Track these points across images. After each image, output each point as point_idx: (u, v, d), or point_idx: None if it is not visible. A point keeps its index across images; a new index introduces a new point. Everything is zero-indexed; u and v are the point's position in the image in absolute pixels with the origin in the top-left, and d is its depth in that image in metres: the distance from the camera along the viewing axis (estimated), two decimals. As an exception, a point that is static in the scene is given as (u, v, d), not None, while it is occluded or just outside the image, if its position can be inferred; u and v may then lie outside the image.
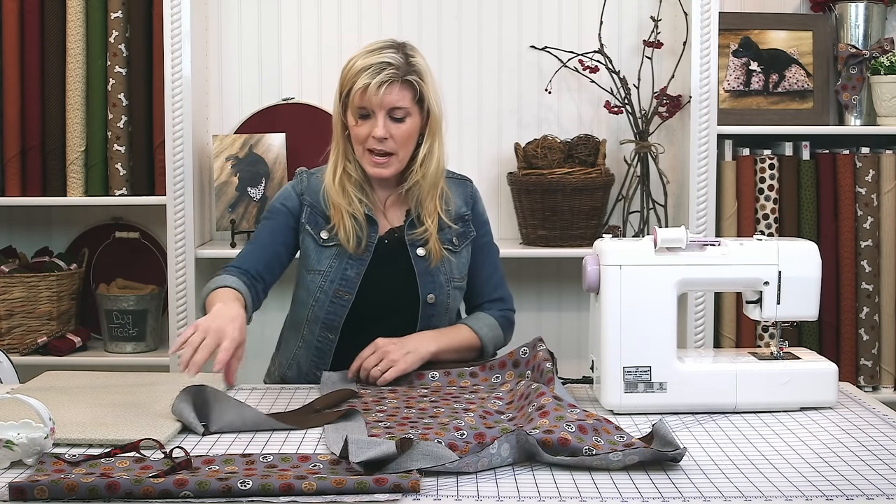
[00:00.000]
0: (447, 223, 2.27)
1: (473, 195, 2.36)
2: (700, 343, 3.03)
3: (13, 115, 3.07)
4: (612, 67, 3.12)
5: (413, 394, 2.05)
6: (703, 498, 1.48)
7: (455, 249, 2.29)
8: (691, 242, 1.98)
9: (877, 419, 1.90)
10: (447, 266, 2.27)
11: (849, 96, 3.16)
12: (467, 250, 2.31)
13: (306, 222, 2.28)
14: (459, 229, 2.30)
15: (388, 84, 2.15)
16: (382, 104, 2.16)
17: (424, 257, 2.25)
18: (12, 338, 3.10)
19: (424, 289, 2.25)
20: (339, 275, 2.24)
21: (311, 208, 2.28)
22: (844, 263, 3.10)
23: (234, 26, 3.25)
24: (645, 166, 3.12)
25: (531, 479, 1.56)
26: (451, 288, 2.28)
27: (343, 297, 2.24)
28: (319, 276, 2.25)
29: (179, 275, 3.03)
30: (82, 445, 1.71)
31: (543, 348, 2.09)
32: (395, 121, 2.19)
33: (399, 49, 2.20)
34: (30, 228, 3.32)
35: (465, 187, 2.35)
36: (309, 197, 2.29)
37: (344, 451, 1.57)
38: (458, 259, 2.29)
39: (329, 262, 2.24)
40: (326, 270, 2.25)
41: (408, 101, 2.18)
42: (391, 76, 2.15)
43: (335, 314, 2.25)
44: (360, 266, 2.24)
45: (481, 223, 2.36)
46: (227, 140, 3.14)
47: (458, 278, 2.30)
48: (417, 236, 2.25)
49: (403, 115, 2.19)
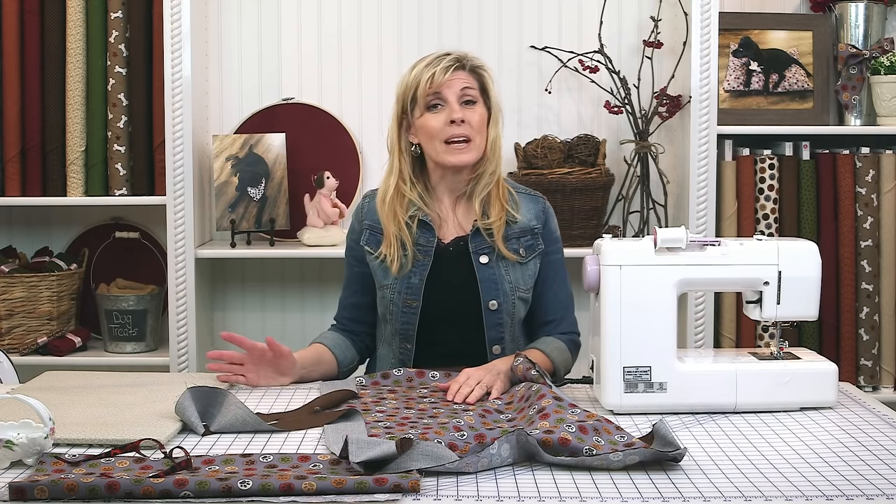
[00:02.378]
0: (514, 232, 2.27)
1: (546, 211, 2.34)
2: (700, 343, 3.03)
3: (13, 115, 3.07)
4: (612, 67, 3.12)
5: (413, 394, 2.05)
6: (703, 498, 1.48)
7: (522, 260, 2.27)
8: (691, 242, 1.98)
9: (877, 419, 1.90)
10: (512, 274, 2.26)
11: (849, 96, 3.16)
12: (535, 263, 2.29)
13: (365, 244, 2.31)
14: (528, 241, 2.29)
15: (453, 69, 2.22)
16: (453, 87, 2.22)
17: (488, 265, 2.25)
18: (12, 338, 3.10)
19: (487, 295, 2.24)
20: (405, 284, 2.25)
21: (370, 230, 2.32)
22: (844, 263, 3.10)
23: (234, 26, 3.25)
24: (645, 166, 3.12)
25: (531, 479, 1.56)
26: (515, 297, 2.26)
27: (411, 305, 2.25)
28: (389, 290, 2.27)
29: (179, 275, 3.03)
30: (82, 445, 1.71)
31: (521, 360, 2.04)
32: (467, 104, 2.23)
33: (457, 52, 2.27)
34: (30, 228, 3.32)
35: (538, 203, 2.35)
36: (368, 220, 2.33)
37: (344, 451, 1.57)
38: (525, 270, 2.28)
39: (394, 275, 2.26)
40: (393, 283, 2.27)
41: (475, 87, 2.25)
42: (455, 62, 2.23)
43: (408, 323, 2.26)
44: (422, 273, 2.25)
45: (553, 240, 2.34)
46: (227, 140, 3.14)
47: (524, 289, 2.28)
48: (482, 244, 2.26)
49: (474, 99, 2.24)
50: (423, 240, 2.27)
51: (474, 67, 2.27)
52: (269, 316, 3.32)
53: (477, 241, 2.27)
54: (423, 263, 2.26)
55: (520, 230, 2.29)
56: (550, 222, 2.35)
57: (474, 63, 2.27)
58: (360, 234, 2.34)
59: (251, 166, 3.14)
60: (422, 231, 2.27)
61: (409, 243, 2.25)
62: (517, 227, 2.29)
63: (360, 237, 2.33)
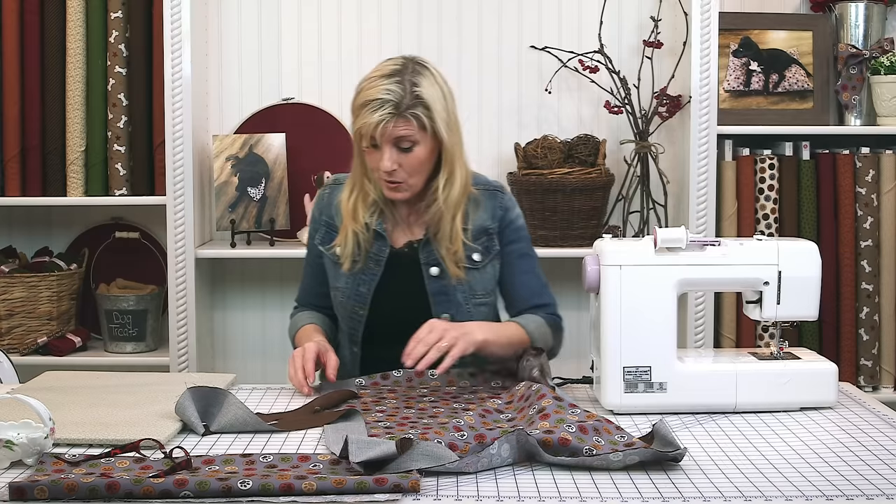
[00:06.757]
0: (467, 241, 2.20)
1: (504, 205, 2.26)
2: (700, 343, 3.03)
3: (13, 115, 3.07)
4: (612, 67, 3.12)
5: (413, 394, 2.05)
6: (703, 498, 1.48)
7: (476, 266, 2.22)
8: (691, 242, 1.97)
9: (877, 419, 1.90)
10: (467, 284, 2.21)
11: (849, 96, 3.16)
12: (493, 265, 2.25)
13: (319, 243, 2.28)
14: (484, 243, 2.23)
15: (384, 122, 2.08)
16: (385, 138, 2.10)
17: (439, 276, 2.21)
18: (12, 338, 3.10)
19: (438, 308, 2.21)
20: (354, 291, 2.23)
21: (327, 227, 2.28)
22: (844, 263, 3.10)
23: (234, 26, 3.25)
24: (645, 166, 3.12)
25: (531, 479, 1.56)
26: (471, 306, 2.22)
27: (358, 312, 2.23)
28: (339, 293, 2.25)
29: (179, 275, 3.03)
30: (82, 445, 1.71)
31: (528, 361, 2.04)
32: (403, 150, 2.12)
33: (406, 74, 2.11)
34: (30, 228, 3.32)
35: (495, 199, 2.26)
36: (326, 216, 2.29)
37: (344, 451, 1.57)
38: (482, 275, 2.23)
39: (345, 278, 2.24)
40: (343, 287, 2.24)
41: (413, 130, 2.10)
42: (390, 114, 2.08)
43: (354, 329, 2.25)
44: (371, 282, 2.22)
45: (513, 230, 2.26)
46: (227, 140, 3.14)
47: (482, 294, 2.24)
48: (432, 255, 2.21)
49: (410, 145, 2.11)
50: (375, 248, 2.22)
51: (411, 111, 2.09)
52: (269, 316, 3.32)
53: (427, 252, 2.21)
54: (373, 273, 2.21)
55: (475, 233, 2.22)
56: (509, 214, 2.26)
57: (415, 101, 2.09)
58: (316, 229, 2.30)
59: (251, 166, 3.14)
60: (375, 239, 2.22)
61: (364, 244, 2.21)
62: (472, 230, 2.22)
63: (317, 234, 2.29)
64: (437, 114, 2.11)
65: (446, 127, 2.13)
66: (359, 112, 2.11)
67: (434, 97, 2.12)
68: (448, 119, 2.14)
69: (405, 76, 2.11)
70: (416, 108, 2.09)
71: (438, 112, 2.12)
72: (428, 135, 2.12)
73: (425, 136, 2.12)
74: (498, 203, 2.26)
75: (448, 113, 2.15)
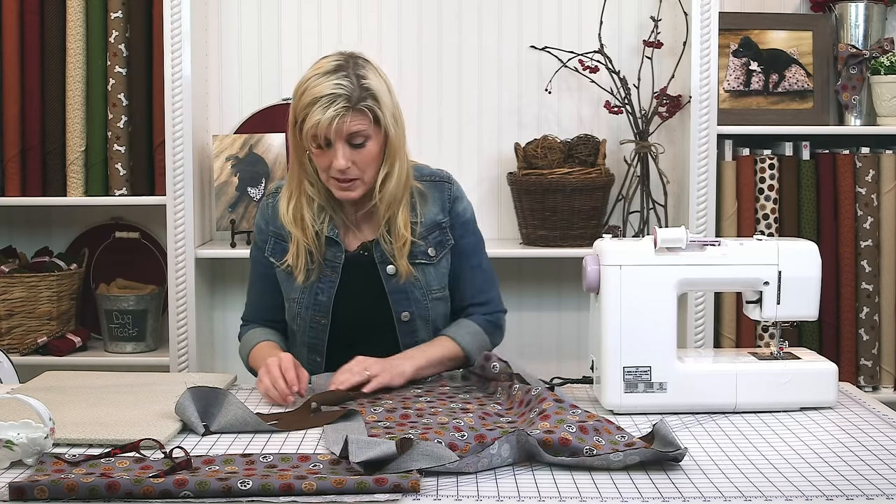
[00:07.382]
0: (421, 232, 2.19)
1: (452, 196, 2.25)
2: (700, 343, 3.03)
3: (13, 115, 3.07)
4: (612, 67, 3.12)
5: (408, 394, 2.05)
6: (703, 498, 1.48)
7: (431, 261, 2.21)
8: (691, 242, 1.98)
9: (877, 419, 1.90)
10: (423, 280, 2.20)
11: (849, 96, 3.16)
12: (447, 259, 2.24)
13: (270, 255, 2.25)
14: (436, 237, 2.22)
15: (340, 117, 2.05)
16: (339, 134, 2.07)
17: (395, 275, 2.19)
18: (12, 338, 3.10)
19: (398, 307, 2.20)
20: (312, 300, 2.20)
21: (275, 238, 2.25)
22: (844, 263, 3.10)
23: (234, 26, 3.25)
24: (645, 166, 3.12)
25: (531, 479, 1.56)
26: (429, 301, 2.21)
27: (320, 322, 2.21)
28: (295, 304, 2.22)
29: (179, 275, 3.03)
30: (82, 445, 1.71)
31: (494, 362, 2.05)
32: (356, 147, 2.09)
33: (350, 69, 2.09)
34: (30, 228, 3.32)
35: (443, 190, 2.24)
36: (273, 226, 2.25)
37: (344, 451, 1.57)
38: (437, 270, 2.22)
39: (301, 289, 2.21)
40: (300, 297, 2.21)
41: (365, 124, 2.08)
42: (343, 108, 2.05)
43: (317, 338, 2.23)
44: (329, 290, 2.19)
45: (461, 223, 2.25)
46: (227, 140, 3.14)
47: (438, 289, 2.23)
48: (384, 255, 2.19)
49: (363, 140, 2.09)
50: (329, 254, 2.19)
51: (363, 103, 2.07)
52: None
53: (380, 252, 2.19)
54: (331, 280, 2.19)
55: (426, 228, 2.21)
56: (457, 206, 2.25)
57: (365, 94, 2.07)
58: (265, 240, 2.26)
59: (251, 166, 3.14)
60: (328, 246, 2.19)
61: (316, 253, 2.18)
62: (424, 224, 2.21)
63: (266, 245, 2.25)
64: (385, 107, 2.11)
65: (393, 120, 2.13)
66: (307, 112, 2.07)
67: (381, 90, 2.11)
68: (394, 111, 2.14)
69: (350, 70, 2.09)
70: (367, 100, 2.08)
71: (386, 104, 2.11)
72: (380, 129, 2.11)
73: (377, 131, 2.11)
74: (446, 195, 2.25)
75: (394, 105, 2.14)
